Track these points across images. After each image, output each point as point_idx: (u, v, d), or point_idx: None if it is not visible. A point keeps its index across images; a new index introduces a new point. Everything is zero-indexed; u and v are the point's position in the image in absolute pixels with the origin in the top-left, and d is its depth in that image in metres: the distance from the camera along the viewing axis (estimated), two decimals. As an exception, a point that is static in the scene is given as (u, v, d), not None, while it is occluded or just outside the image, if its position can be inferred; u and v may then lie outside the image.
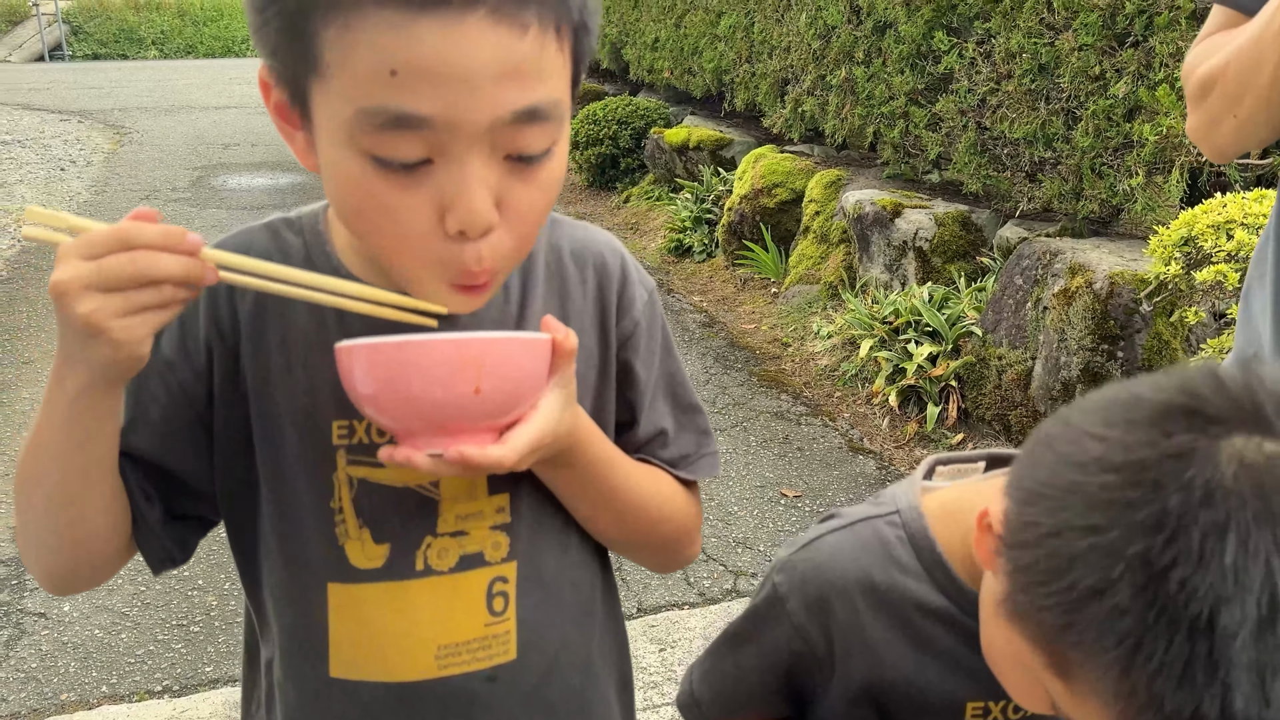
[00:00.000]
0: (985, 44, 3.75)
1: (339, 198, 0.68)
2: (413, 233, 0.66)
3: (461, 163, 0.63)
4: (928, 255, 3.92)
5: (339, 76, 0.63)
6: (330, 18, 0.61)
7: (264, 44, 0.68)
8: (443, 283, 0.69)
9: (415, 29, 0.60)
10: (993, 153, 3.78)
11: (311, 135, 0.68)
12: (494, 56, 0.61)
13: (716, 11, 5.95)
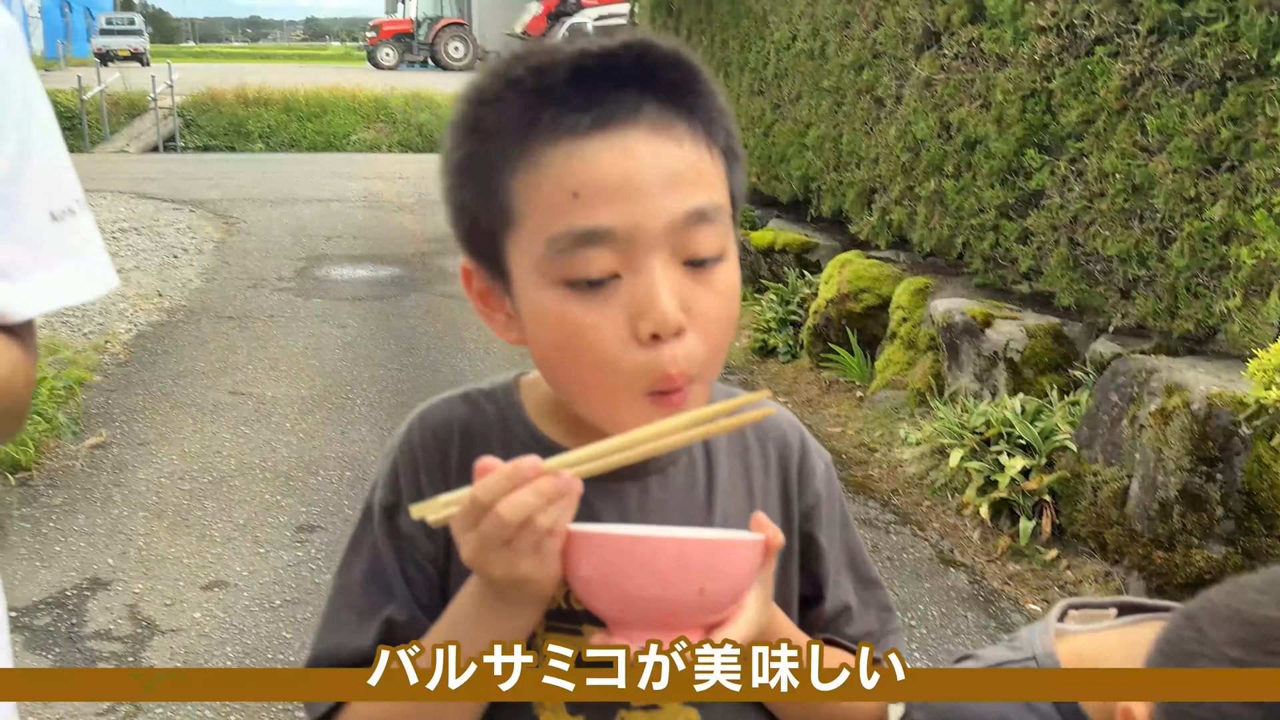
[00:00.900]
0: (1077, 162, 3.82)
1: (540, 339, 0.76)
2: (610, 348, 0.72)
3: (646, 270, 0.71)
4: (1019, 367, 3.95)
5: (530, 217, 0.72)
6: (517, 167, 0.72)
7: (463, 223, 0.79)
8: (642, 396, 0.73)
9: (587, 151, 0.70)
10: (1085, 268, 3.82)
11: (511, 300, 0.78)
12: (658, 165, 0.71)
13: (805, 123, 6.12)
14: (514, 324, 0.79)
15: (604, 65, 0.73)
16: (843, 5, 5.54)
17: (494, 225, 0.75)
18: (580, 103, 0.72)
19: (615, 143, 0.71)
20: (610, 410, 0.76)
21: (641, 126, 0.72)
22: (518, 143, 0.73)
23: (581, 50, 0.74)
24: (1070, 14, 3.79)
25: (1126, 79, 3.54)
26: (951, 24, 4.53)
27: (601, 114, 0.71)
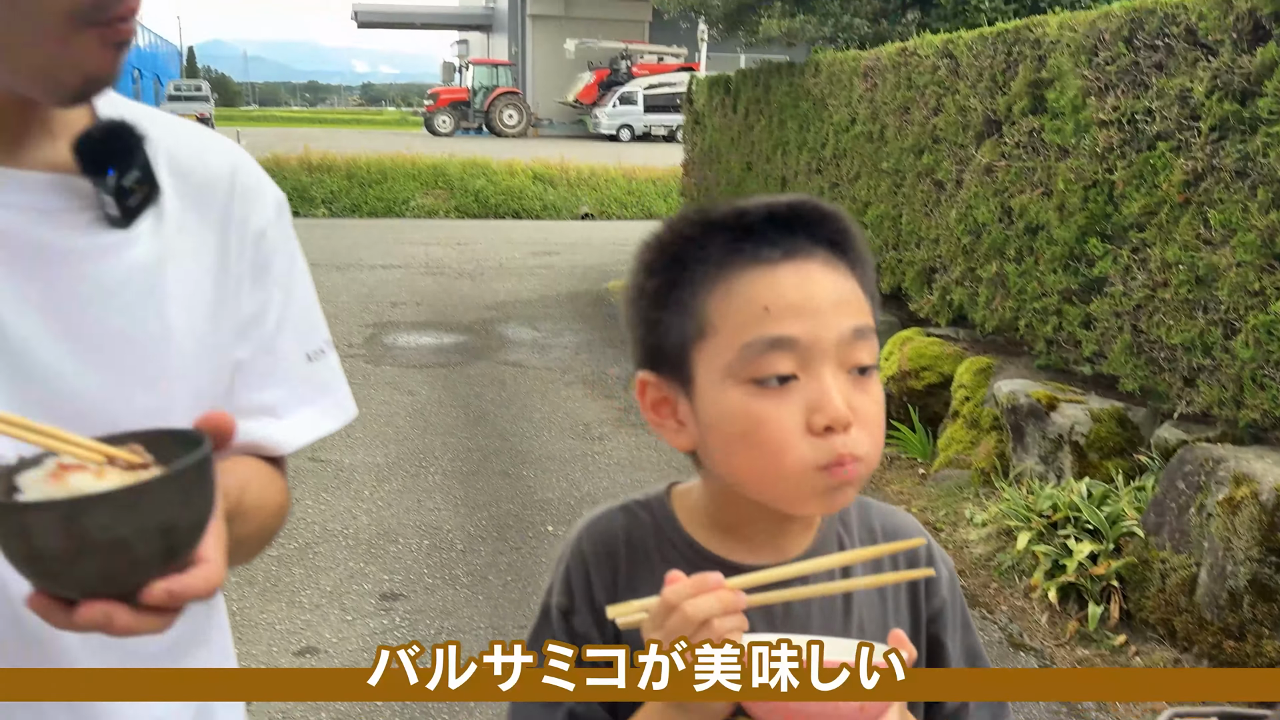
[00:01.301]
0: (1140, 252, 3.92)
1: (725, 432, 0.88)
2: (790, 436, 0.85)
3: (820, 374, 0.86)
4: (1084, 450, 4.01)
5: (722, 329, 0.88)
6: (715, 288, 0.88)
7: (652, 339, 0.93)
8: (816, 485, 0.86)
9: (776, 276, 0.87)
10: (1149, 355, 3.90)
11: (691, 404, 0.91)
12: (832, 289, 0.88)
13: (864, 201, 6.28)
14: (685, 430, 0.92)
15: (788, 215, 0.91)
16: (902, 92, 5.72)
17: (687, 338, 0.90)
18: (773, 240, 0.89)
19: (798, 271, 0.88)
20: (787, 488, 0.88)
21: (816, 261, 0.89)
22: (720, 269, 0.89)
23: (769, 203, 0.91)
24: (1131, 109, 3.93)
25: (1188, 174, 3.65)
26: (1012, 114, 4.68)
27: (789, 249, 0.89)
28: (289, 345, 1.00)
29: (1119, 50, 3.96)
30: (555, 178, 19.20)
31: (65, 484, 0.66)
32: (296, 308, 1.02)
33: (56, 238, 0.82)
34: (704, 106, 9.78)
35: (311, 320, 1.04)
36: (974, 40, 5.03)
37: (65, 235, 0.83)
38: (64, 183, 0.83)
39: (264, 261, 0.98)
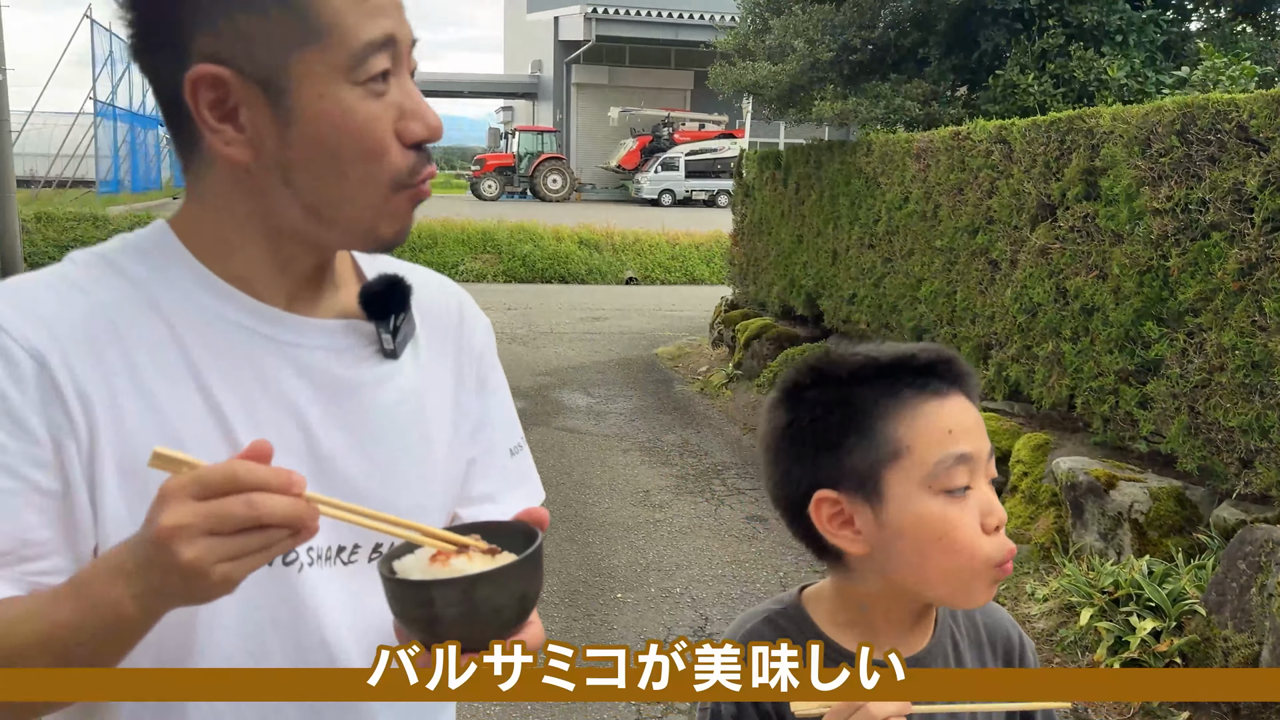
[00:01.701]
0: (1196, 336, 4.06)
1: (918, 537, 1.05)
2: (975, 538, 1.04)
3: (983, 483, 1.07)
4: (1144, 528, 4.12)
5: (915, 449, 1.05)
6: (903, 417, 1.07)
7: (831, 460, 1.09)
8: (991, 577, 1.05)
9: (949, 405, 1.07)
10: (1207, 436, 4.02)
11: (874, 517, 1.07)
12: (977, 417, 1.10)
13: (918, 277, 6.45)
14: (860, 539, 1.09)
15: (940, 359, 1.11)
16: (955, 173, 5.93)
17: (878, 459, 1.07)
18: (939, 375, 1.09)
19: (959, 401, 1.09)
20: (967, 582, 1.06)
21: (962, 395, 1.10)
22: (906, 402, 1.07)
23: (924, 349, 1.11)
24: (1185, 199, 4.09)
25: (1242, 263, 3.80)
26: (1066, 199, 4.86)
27: (949, 384, 1.09)
28: (500, 444, 1.21)
29: (1172, 143, 4.14)
30: (600, 243, 19.57)
31: (450, 567, 0.87)
32: (504, 412, 1.22)
33: (350, 372, 1.04)
34: (754, 179, 10.05)
35: (512, 421, 1.24)
36: (1027, 127, 5.24)
37: (355, 369, 1.04)
38: (351, 326, 1.05)
39: (483, 376, 1.19)
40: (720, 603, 4.53)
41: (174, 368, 0.95)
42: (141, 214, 20.04)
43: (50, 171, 29.10)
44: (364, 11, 0.91)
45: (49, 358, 0.90)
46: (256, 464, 0.78)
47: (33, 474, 0.89)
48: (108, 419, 0.91)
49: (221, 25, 0.89)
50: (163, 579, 0.77)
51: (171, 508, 0.76)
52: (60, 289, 0.95)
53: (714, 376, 9.35)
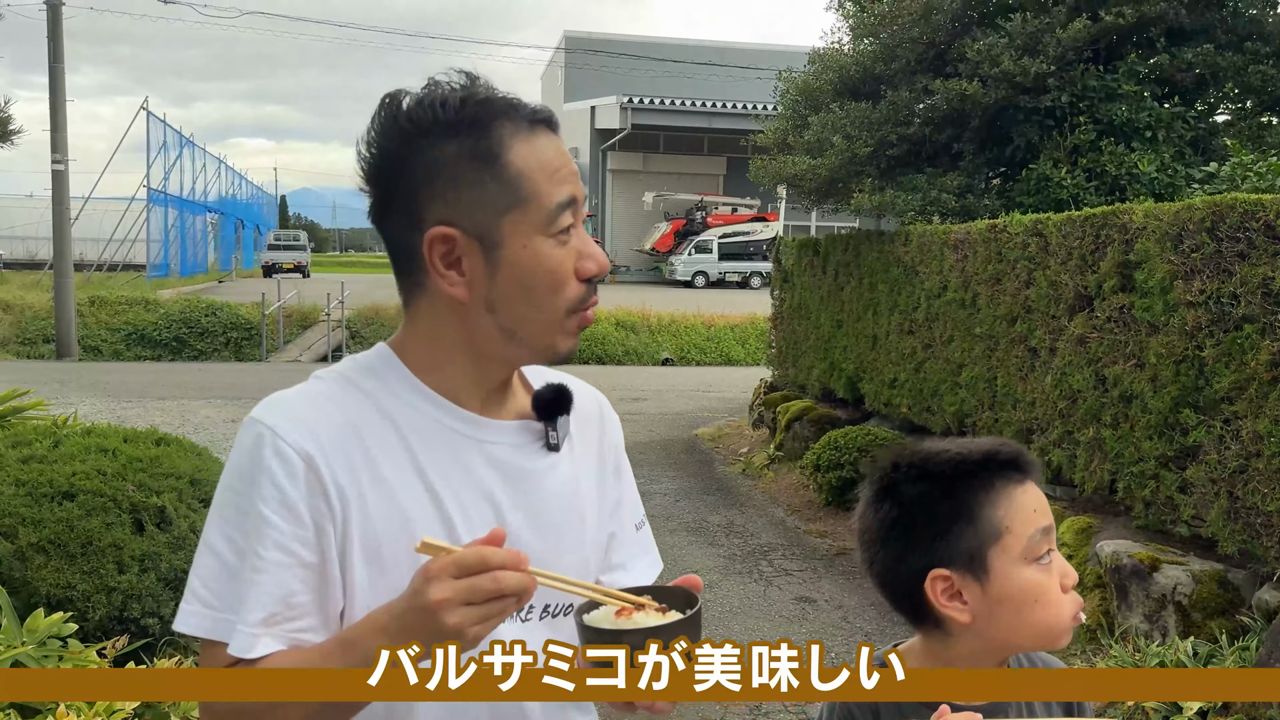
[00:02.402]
0: (1232, 424, 4.23)
1: (1018, 601, 1.25)
2: (1059, 598, 1.26)
3: (1056, 551, 1.28)
4: (1187, 610, 4.24)
5: (1013, 528, 1.26)
6: (1000, 502, 1.28)
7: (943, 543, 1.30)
8: (1069, 628, 1.27)
9: (1029, 490, 1.29)
10: (1246, 520, 4.16)
11: (980, 589, 1.27)
12: (1043, 496, 1.30)
13: (958, 363, 6.66)
14: (968, 609, 1.28)
15: (1017, 454, 1.32)
16: (993, 264, 6.17)
17: (983, 541, 1.27)
18: (1017, 466, 1.30)
19: (1033, 485, 1.31)
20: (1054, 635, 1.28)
21: (1032, 480, 1.32)
22: (1000, 491, 1.28)
23: (1001, 445, 1.33)
24: (1217, 292, 4.30)
25: (1275, 354, 3.99)
26: (1103, 291, 5.08)
27: (1023, 472, 1.30)
28: (629, 520, 1.46)
29: (1203, 240, 4.36)
30: (637, 324, 19.94)
31: (634, 620, 1.10)
32: (632, 494, 1.48)
33: (527, 462, 1.29)
34: (792, 265, 10.34)
35: (637, 501, 1.49)
36: (1063, 222, 5.48)
37: (530, 460, 1.29)
38: (525, 426, 1.31)
39: (617, 465, 1.45)
40: (773, 681, 4.66)
41: (401, 462, 1.21)
42: (190, 297, 20.67)
43: (102, 255, 30.08)
44: (555, 181, 1.19)
45: (314, 458, 1.16)
46: (497, 548, 1.01)
47: (299, 551, 1.14)
48: (356, 506, 1.17)
49: (450, 197, 1.18)
50: (426, 639, 1.00)
51: (437, 584, 0.98)
52: (317, 402, 1.21)
53: (756, 458, 9.53)
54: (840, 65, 8.68)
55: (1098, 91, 7.45)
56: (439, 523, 1.20)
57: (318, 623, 1.15)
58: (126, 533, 3.80)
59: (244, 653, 1.11)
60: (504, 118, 1.17)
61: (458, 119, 1.16)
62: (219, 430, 10.47)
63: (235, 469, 1.17)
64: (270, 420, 1.17)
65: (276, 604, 1.12)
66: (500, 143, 1.16)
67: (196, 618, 1.14)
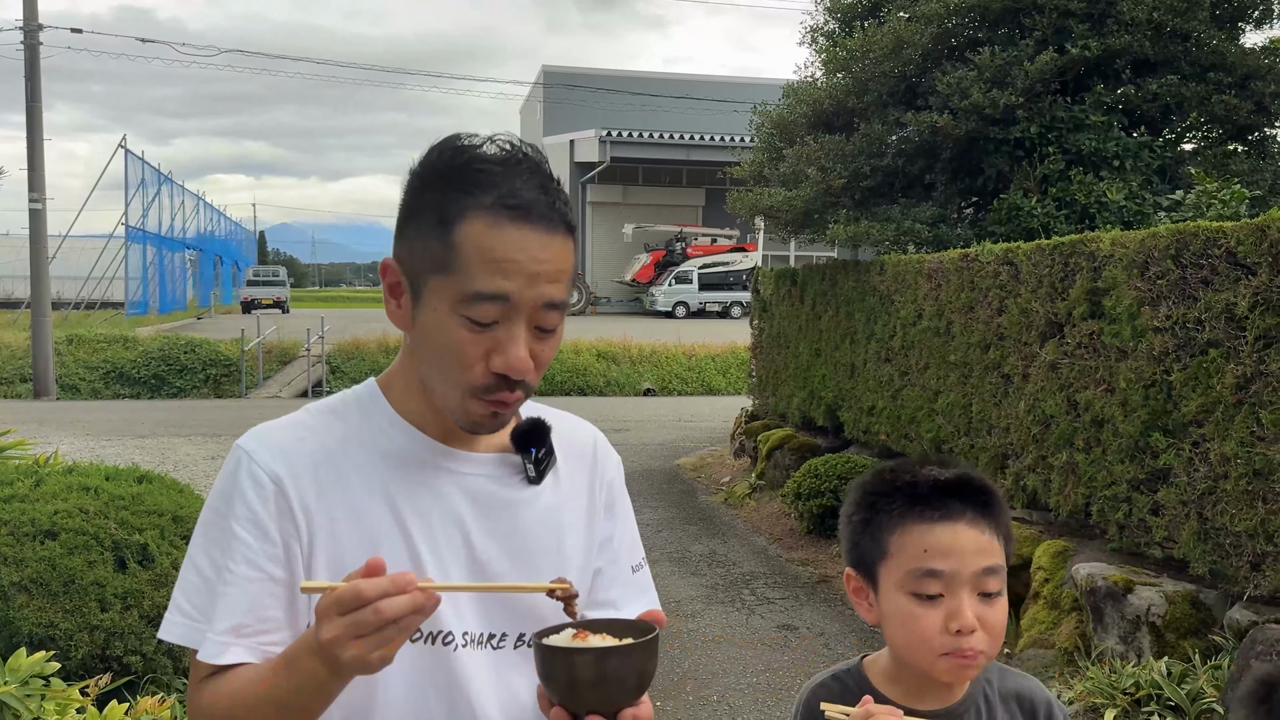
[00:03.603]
0: (1200, 446, 4.32)
1: (893, 624, 1.34)
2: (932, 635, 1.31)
3: (959, 595, 1.31)
4: (1161, 630, 4.31)
5: (897, 558, 1.34)
6: (895, 531, 1.36)
7: (856, 549, 1.40)
8: (947, 665, 1.31)
9: (935, 530, 1.34)
10: (1216, 540, 4.24)
11: (875, 598, 1.38)
12: (971, 541, 1.34)
13: (934, 390, 6.75)
14: (873, 610, 1.41)
15: (949, 485, 1.37)
16: (965, 293, 6.27)
17: (876, 557, 1.38)
18: (935, 504, 1.36)
19: (949, 529, 1.34)
20: (928, 665, 1.34)
21: (964, 520, 1.35)
22: (900, 519, 1.36)
23: (937, 476, 1.38)
24: (1183, 318, 4.40)
25: (1239, 378, 4.09)
26: (1073, 317, 5.18)
27: (945, 511, 1.35)
28: (625, 559, 1.47)
29: (1168, 266, 4.47)
30: (618, 355, 20.00)
31: (589, 641, 1.15)
32: (629, 534, 1.49)
33: (503, 493, 1.33)
34: (771, 295, 10.45)
35: (635, 542, 1.51)
36: (1032, 250, 5.59)
37: (507, 491, 1.34)
38: (504, 458, 1.35)
39: (611, 501, 1.47)
40: (756, 710, 4.69)
41: (374, 489, 1.27)
42: (169, 334, 20.60)
43: (80, 293, 29.95)
44: (491, 270, 1.17)
45: (284, 481, 1.24)
46: (376, 579, 1.03)
47: (269, 567, 1.22)
48: (324, 529, 1.24)
49: (409, 236, 1.25)
50: (338, 668, 1.06)
51: (325, 624, 1.03)
52: (298, 431, 1.29)
53: (737, 487, 9.58)
54: (814, 98, 8.83)
55: (1066, 122, 7.61)
56: (404, 549, 1.25)
57: (287, 636, 1.21)
58: (109, 570, 3.80)
59: (213, 658, 1.18)
60: (486, 192, 1.19)
61: (449, 173, 1.21)
62: (199, 467, 10.44)
63: (218, 490, 1.26)
64: (249, 446, 1.26)
65: (244, 615, 1.19)
66: (462, 212, 1.18)
67: (176, 626, 1.23)
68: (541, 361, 1.23)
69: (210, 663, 1.19)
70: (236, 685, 1.17)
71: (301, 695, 1.12)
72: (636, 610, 1.46)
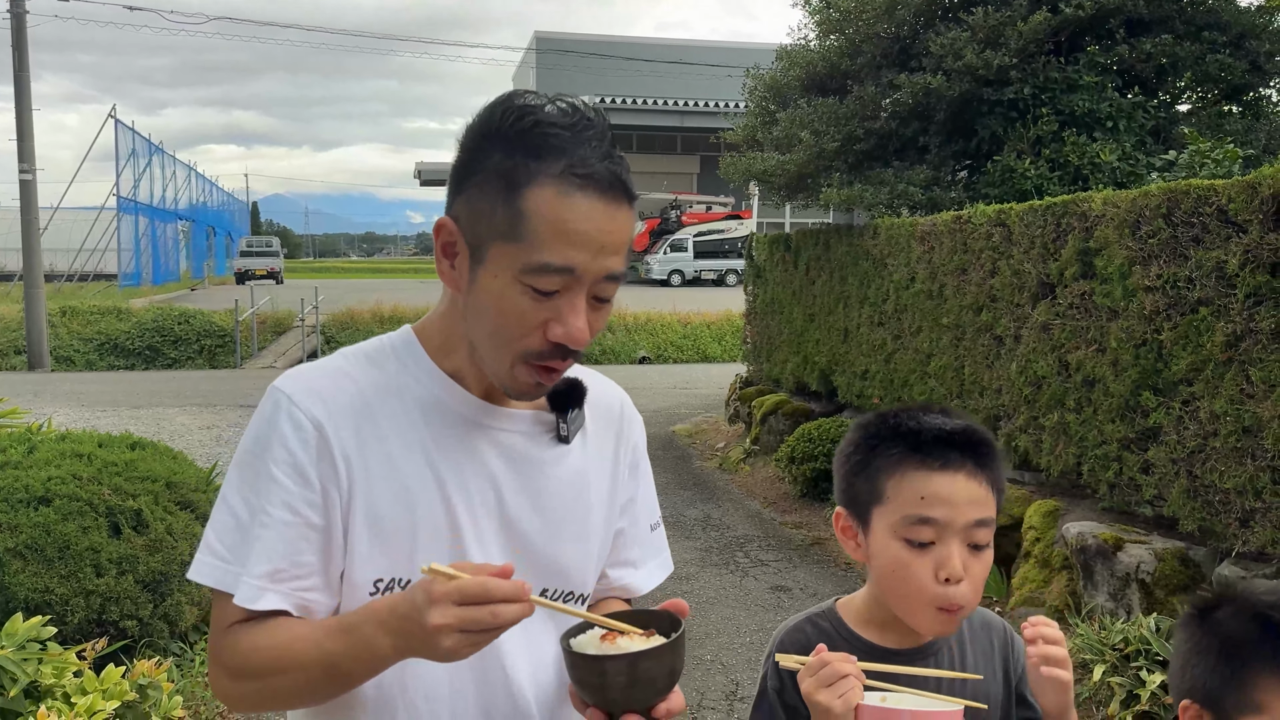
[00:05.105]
0: (1190, 405, 4.33)
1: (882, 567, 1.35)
2: (924, 583, 1.30)
3: (949, 544, 1.31)
4: (1150, 587, 4.34)
5: (893, 502, 1.34)
6: (893, 476, 1.35)
7: (849, 490, 1.40)
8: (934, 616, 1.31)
9: (933, 478, 1.33)
10: (1205, 498, 4.26)
11: (865, 539, 1.38)
12: (966, 492, 1.33)
13: (926, 353, 6.75)
14: (860, 550, 1.40)
15: (954, 435, 1.37)
16: (958, 255, 6.26)
17: (871, 500, 1.38)
18: (936, 453, 1.35)
19: (948, 478, 1.34)
20: (913, 614, 1.35)
21: (963, 471, 1.35)
22: (899, 465, 1.36)
23: (940, 425, 1.38)
24: (1174, 277, 4.40)
25: (1229, 335, 4.09)
26: (1064, 278, 5.18)
27: (945, 461, 1.35)
28: (644, 519, 1.49)
29: (1159, 226, 4.47)
30: (613, 324, 19.97)
31: (617, 645, 1.15)
32: (648, 494, 1.50)
33: (535, 450, 1.33)
34: (765, 261, 10.43)
35: (654, 502, 1.52)
36: (1025, 211, 5.58)
37: (539, 449, 1.33)
38: (538, 416, 1.34)
39: (635, 463, 1.47)
40: (750, 668, 4.73)
41: (410, 440, 1.26)
42: (163, 305, 20.55)
43: (72, 266, 29.84)
44: (560, 240, 1.15)
45: (325, 426, 1.22)
46: (502, 580, 1.05)
47: (307, 512, 1.21)
48: (361, 476, 1.23)
49: (470, 198, 1.20)
50: (421, 649, 1.08)
51: (438, 610, 1.04)
52: (335, 376, 1.27)
53: (732, 452, 9.61)
54: (807, 61, 8.77)
55: (1059, 83, 7.57)
56: (439, 501, 1.25)
57: (321, 583, 1.21)
58: (103, 536, 3.82)
59: (249, 603, 1.17)
60: (557, 158, 1.15)
61: (515, 136, 1.17)
62: (194, 437, 10.45)
63: (253, 432, 1.24)
64: (288, 389, 1.24)
65: (281, 560, 1.18)
66: (531, 178, 1.15)
67: (208, 568, 1.21)
68: (595, 330, 1.21)
69: (246, 607, 1.17)
70: (281, 639, 1.16)
71: (356, 664, 1.12)
72: (652, 569, 1.49)
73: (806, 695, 1.25)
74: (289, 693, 1.18)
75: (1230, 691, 1.34)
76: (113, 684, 3.12)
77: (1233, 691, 1.34)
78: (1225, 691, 1.35)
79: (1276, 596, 1.39)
